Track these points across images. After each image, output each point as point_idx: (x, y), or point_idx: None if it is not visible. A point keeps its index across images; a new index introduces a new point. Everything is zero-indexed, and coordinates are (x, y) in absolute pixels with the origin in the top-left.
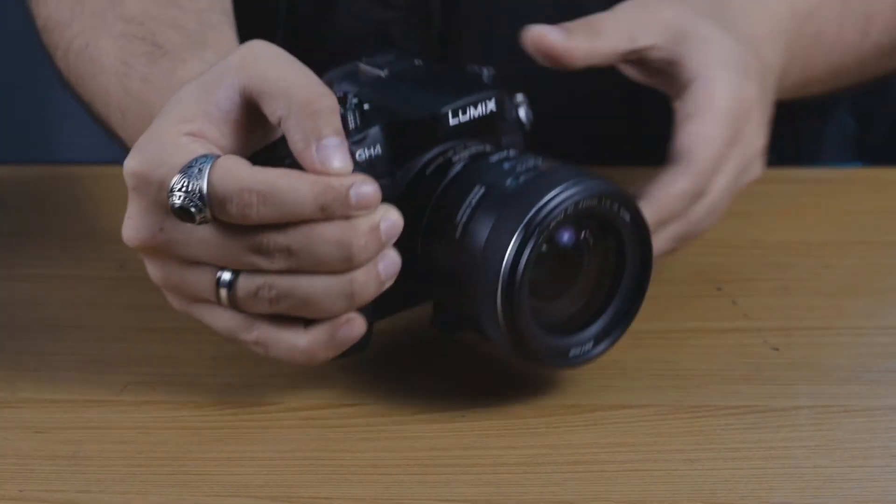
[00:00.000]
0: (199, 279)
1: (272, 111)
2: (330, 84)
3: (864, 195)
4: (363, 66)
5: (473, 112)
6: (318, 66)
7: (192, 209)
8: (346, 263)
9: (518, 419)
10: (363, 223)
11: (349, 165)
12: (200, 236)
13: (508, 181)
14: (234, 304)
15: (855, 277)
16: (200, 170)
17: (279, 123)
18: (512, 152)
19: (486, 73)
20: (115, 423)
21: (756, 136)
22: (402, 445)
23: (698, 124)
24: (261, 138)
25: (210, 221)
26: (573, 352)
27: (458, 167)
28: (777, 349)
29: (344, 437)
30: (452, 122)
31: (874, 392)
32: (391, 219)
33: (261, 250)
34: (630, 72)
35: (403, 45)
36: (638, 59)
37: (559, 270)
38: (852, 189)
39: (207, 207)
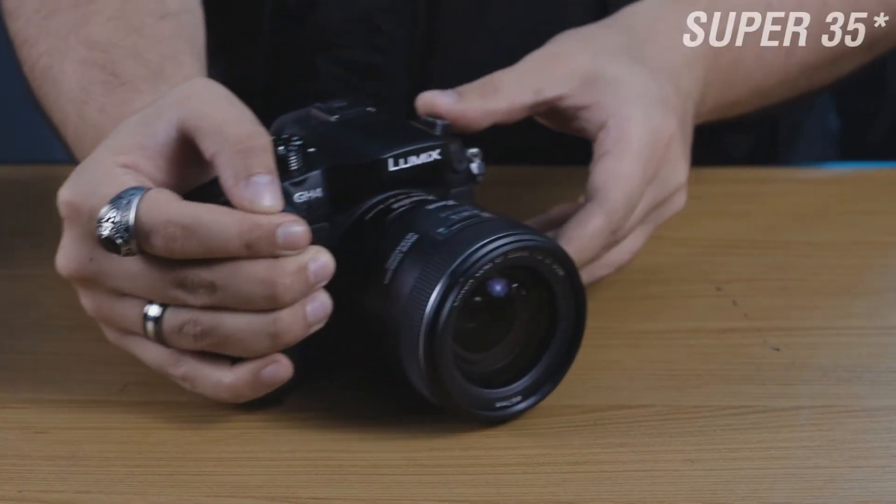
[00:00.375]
0: (128, 312)
1: (206, 148)
2: (281, 128)
3: (864, 195)
4: (314, 112)
5: (415, 160)
6: (307, 59)
7: (118, 240)
8: (270, 302)
9: (518, 419)
10: (290, 263)
11: (279, 204)
12: (128, 269)
13: (441, 230)
14: (160, 338)
15: (855, 277)
16: (129, 202)
17: (212, 160)
18: (451, 202)
19: (439, 124)
20: (115, 423)
21: (676, 170)
22: (401, 445)
23: (613, 161)
24: (197, 175)
25: (136, 253)
26: (499, 404)
27: (395, 214)
28: (777, 349)
29: (344, 437)
30: (393, 168)
31: (874, 392)
32: (321, 260)
33: (185, 285)
34: (544, 122)
35: (390, 36)
36: (548, 109)
37: (490, 322)
38: (852, 189)
39: (133, 239)
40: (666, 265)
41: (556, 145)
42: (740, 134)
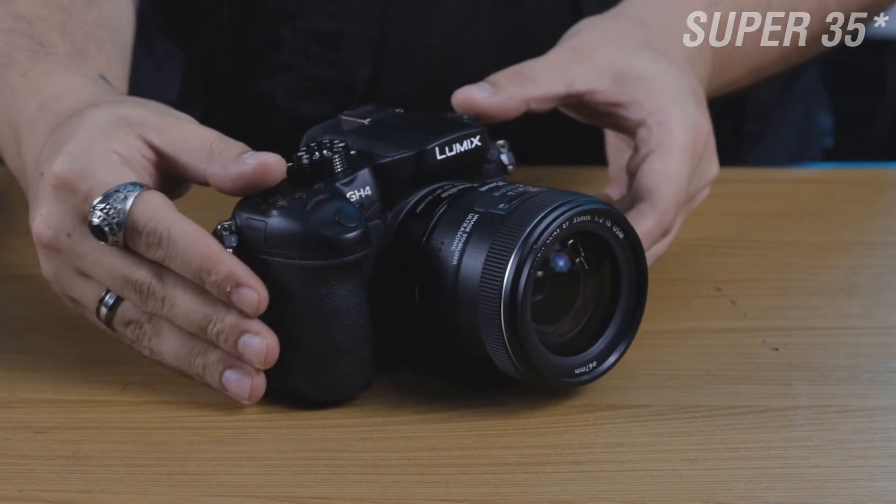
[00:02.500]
0: (87, 292)
1: (194, 166)
2: (314, 137)
3: (864, 195)
4: (345, 118)
5: (459, 148)
6: (270, 30)
7: (107, 230)
8: (202, 333)
9: (517, 419)
10: (230, 316)
11: (281, 162)
12: (100, 256)
13: (501, 206)
14: (109, 324)
15: (854, 277)
16: (126, 197)
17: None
18: (501, 182)
19: (465, 117)
20: (115, 423)
21: (711, 165)
22: (401, 445)
23: (659, 161)
24: (171, 193)
25: (120, 246)
26: (577, 370)
27: (446, 201)
28: (776, 349)
29: (343, 437)
30: (440, 157)
31: (873, 392)
32: (257, 341)
33: (142, 290)
34: (571, 113)
35: (346, 4)
36: (577, 102)
37: (557, 295)
38: (852, 189)
39: (121, 232)
40: (666, 265)
41: (556, 146)
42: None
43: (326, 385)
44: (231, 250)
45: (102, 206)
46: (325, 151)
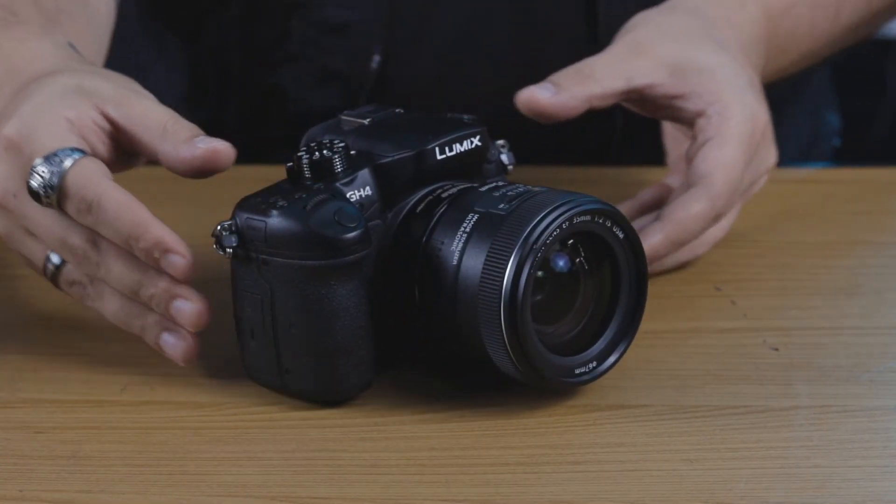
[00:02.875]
0: (34, 251)
1: (147, 137)
2: (314, 137)
3: (864, 195)
4: (345, 118)
5: (459, 147)
6: (279, 21)
7: (42, 193)
8: (135, 296)
9: (517, 419)
10: (162, 280)
11: (231, 149)
12: (41, 217)
13: (501, 206)
14: (55, 284)
15: (854, 277)
16: (62, 161)
17: (152, 144)
18: (500, 182)
19: (465, 117)
20: (115, 423)
21: (769, 154)
22: (401, 445)
23: (716, 149)
24: (123, 163)
25: (55, 208)
26: (577, 371)
27: (447, 201)
28: (776, 349)
29: (343, 437)
30: (440, 157)
31: (873, 392)
32: (188, 306)
33: (76, 253)
34: (632, 108)
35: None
36: (638, 97)
37: (557, 295)
38: (852, 189)
39: (55, 196)
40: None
41: (556, 146)
42: None
43: (326, 385)
44: (231, 250)
45: (41, 168)
46: (325, 151)
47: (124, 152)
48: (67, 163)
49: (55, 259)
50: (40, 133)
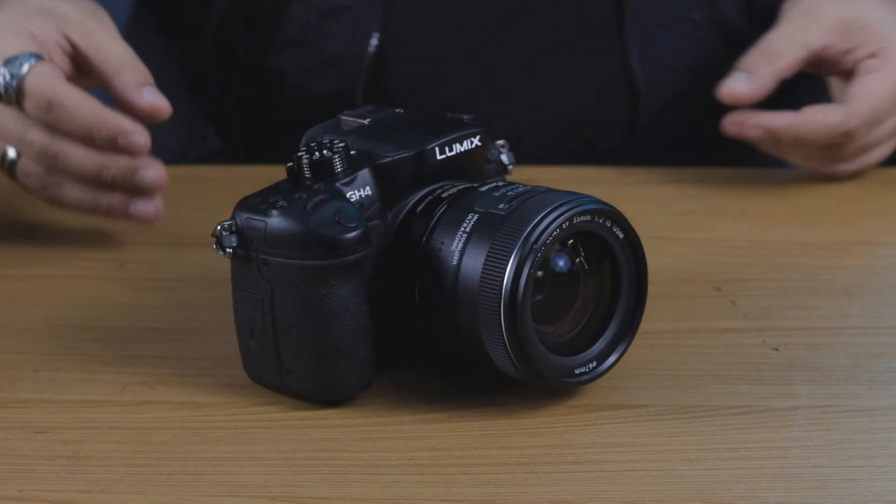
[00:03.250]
0: None
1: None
2: (314, 137)
3: (864, 195)
4: (345, 118)
5: (459, 147)
6: (279, 6)
7: (1, 92)
8: (98, 180)
9: (517, 419)
10: (122, 159)
11: (167, 105)
12: (1, 116)
13: (501, 206)
14: (12, 176)
15: (854, 277)
16: (22, 64)
17: (106, 77)
18: (501, 182)
19: (465, 117)
20: (115, 423)
21: None
22: (401, 445)
23: (873, 81)
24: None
25: (13, 105)
26: (577, 371)
27: (447, 201)
28: (776, 349)
29: (343, 437)
30: (440, 157)
31: (873, 392)
32: (152, 171)
33: (34, 146)
34: (809, 70)
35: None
36: (815, 60)
37: (557, 295)
38: (852, 189)
39: (14, 95)
40: (666, 265)
41: (557, 146)
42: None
43: (326, 385)
44: (231, 250)
45: (1, 70)
46: (325, 151)
47: (82, 73)
48: (26, 66)
49: (11, 153)
50: (4, 41)
